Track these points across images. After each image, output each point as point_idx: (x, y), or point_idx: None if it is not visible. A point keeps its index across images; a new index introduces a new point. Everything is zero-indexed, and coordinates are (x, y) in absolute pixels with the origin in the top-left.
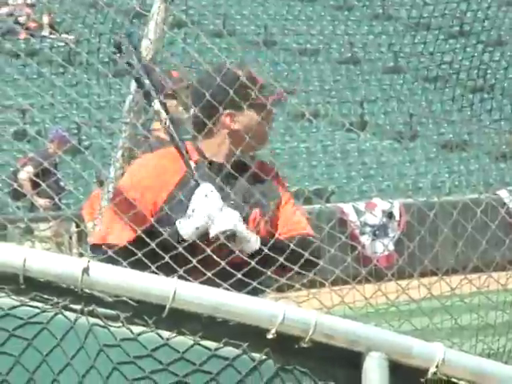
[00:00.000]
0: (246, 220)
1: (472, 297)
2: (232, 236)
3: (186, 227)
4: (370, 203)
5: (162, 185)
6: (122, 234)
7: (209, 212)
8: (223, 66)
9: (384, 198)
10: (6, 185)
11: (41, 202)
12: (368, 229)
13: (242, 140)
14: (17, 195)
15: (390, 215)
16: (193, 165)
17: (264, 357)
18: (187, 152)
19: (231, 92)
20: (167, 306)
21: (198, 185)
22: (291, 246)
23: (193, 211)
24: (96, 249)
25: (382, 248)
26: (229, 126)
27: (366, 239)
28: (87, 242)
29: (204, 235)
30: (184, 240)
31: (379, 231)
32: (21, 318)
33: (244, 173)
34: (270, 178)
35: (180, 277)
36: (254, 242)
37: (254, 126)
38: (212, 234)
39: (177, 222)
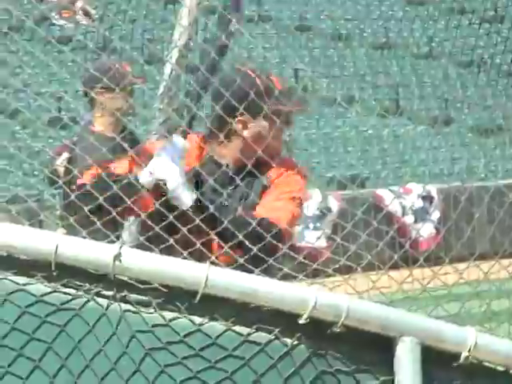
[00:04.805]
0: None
1: (507, 282)
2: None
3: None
4: (405, 188)
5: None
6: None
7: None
8: (244, 70)
9: (419, 183)
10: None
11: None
12: (409, 212)
13: (250, 148)
14: (53, 182)
15: (429, 199)
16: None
17: (296, 342)
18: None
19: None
20: (199, 292)
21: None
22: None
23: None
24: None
25: (426, 231)
26: (240, 133)
27: (408, 223)
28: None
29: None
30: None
31: (420, 215)
32: (53, 305)
33: (248, 174)
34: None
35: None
36: (186, 199)
37: (264, 137)
38: (143, 179)
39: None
